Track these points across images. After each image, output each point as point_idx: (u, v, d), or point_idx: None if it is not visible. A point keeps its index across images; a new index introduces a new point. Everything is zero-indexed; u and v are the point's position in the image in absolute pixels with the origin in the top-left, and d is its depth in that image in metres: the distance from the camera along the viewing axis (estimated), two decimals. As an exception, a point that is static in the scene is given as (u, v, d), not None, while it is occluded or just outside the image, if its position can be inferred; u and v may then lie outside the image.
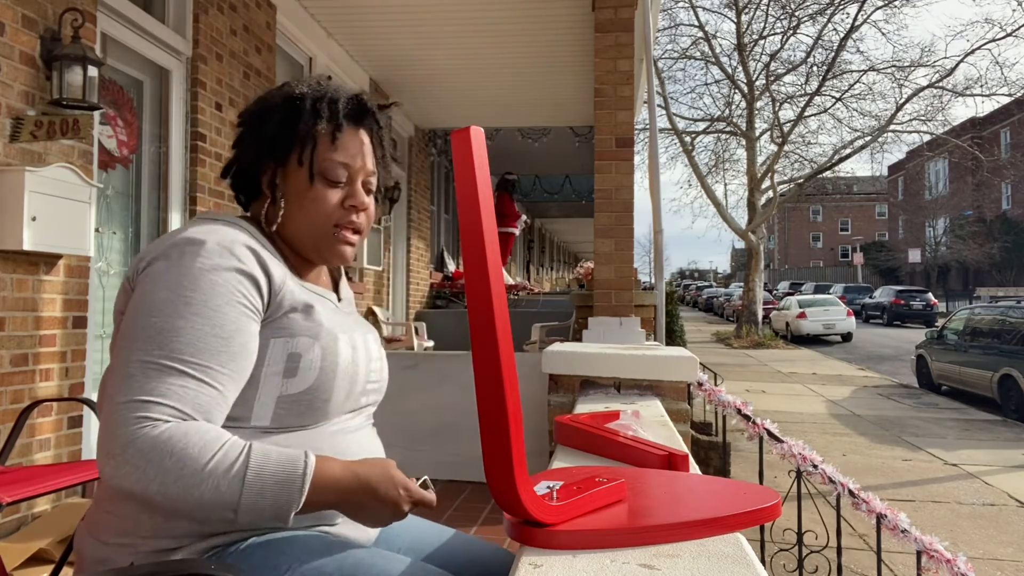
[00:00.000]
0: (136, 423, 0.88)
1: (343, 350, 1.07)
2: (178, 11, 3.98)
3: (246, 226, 1.10)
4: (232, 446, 0.91)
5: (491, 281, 0.83)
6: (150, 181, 3.84)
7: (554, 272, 25.46)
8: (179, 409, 0.91)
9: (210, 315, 0.96)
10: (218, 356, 0.95)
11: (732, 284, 50.38)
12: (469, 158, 0.84)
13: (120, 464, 0.87)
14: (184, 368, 0.92)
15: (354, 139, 1.14)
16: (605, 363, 2.57)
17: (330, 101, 1.12)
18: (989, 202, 35.14)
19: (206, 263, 0.98)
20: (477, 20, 5.49)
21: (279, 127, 1.12)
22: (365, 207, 1.15)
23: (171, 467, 0.87)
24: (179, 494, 0.87)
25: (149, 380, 0.90)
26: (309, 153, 1.10)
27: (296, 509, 0.91)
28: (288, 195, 1.12)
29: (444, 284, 9.35)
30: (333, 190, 1.12)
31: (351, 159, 1.13)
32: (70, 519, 2.74)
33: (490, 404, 0.84)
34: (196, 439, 0.89)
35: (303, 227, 1.12)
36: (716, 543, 0.91)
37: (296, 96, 1.12)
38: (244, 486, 0.89)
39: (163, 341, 0.93)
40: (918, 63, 20.65)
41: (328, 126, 1.11)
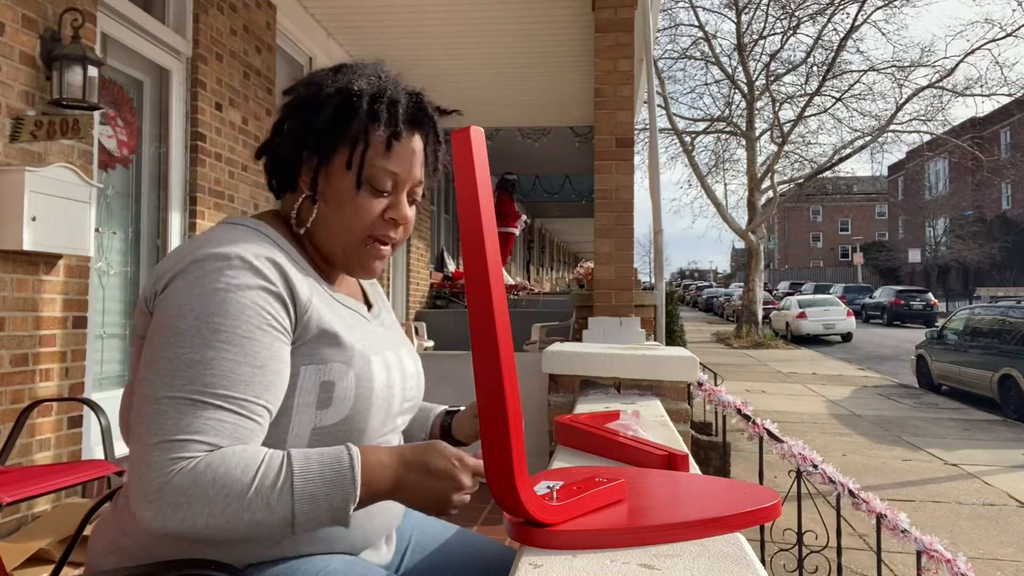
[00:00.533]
0: (171, 464, 0.82)
1: (377, 373, 1.01)
2: (178, 11, 3.98)
3: (271, 232, 1.02)
4: (272, 458, 0.86)
5: (491, 281, 0.83)
6: (150, 181, 3.84)
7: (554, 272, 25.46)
8: (215, 444, 0.85)
9: (242, 343, 0.88)
10: (253, 387, 0.88)
11: (732, 284, 50.38)
12: (469, 158, 0.84)
13: (161, 507, 0.81)
14: (219, 403, 0.86)
15: (408, 146, 1.04)
16: (605, 363, 2.57)
17: (390, 103, 1.02)
18: (989, 202, 35.14)
19: (231, 283, 0.90)
20: (477, 20, 5.49)
21: (331, 122, 1.02)
22: (407, 220, 1.06)
23: (215, 496, 0.82)
24: (230, 522, 0.83)
25: (183, 417, 0.84)
26: (360, 157, 1.01)
27: (354, 504, 0.87)
28: (328, 197, 1.03)
29: (444, 284, 9.35)
30: (377, 199, 1.02)
31: (401, 168, 1.03)
32: (70, 519, 2.74)
33: (490, 404, 0.84)
34: (235, 461, 0.84)
35: (338, 234, 1.03)
36: (716, 543, 0.91)
37: (354, 92, 1.01)
38: (295, 496, 0.84)
39: (193, 375, 0.86)
40: (918, 63, 20.70)
41: (385, 132, 1.01)
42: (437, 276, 9.56)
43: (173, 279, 0.91)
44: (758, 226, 19.82)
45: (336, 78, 1.05)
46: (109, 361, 3.58)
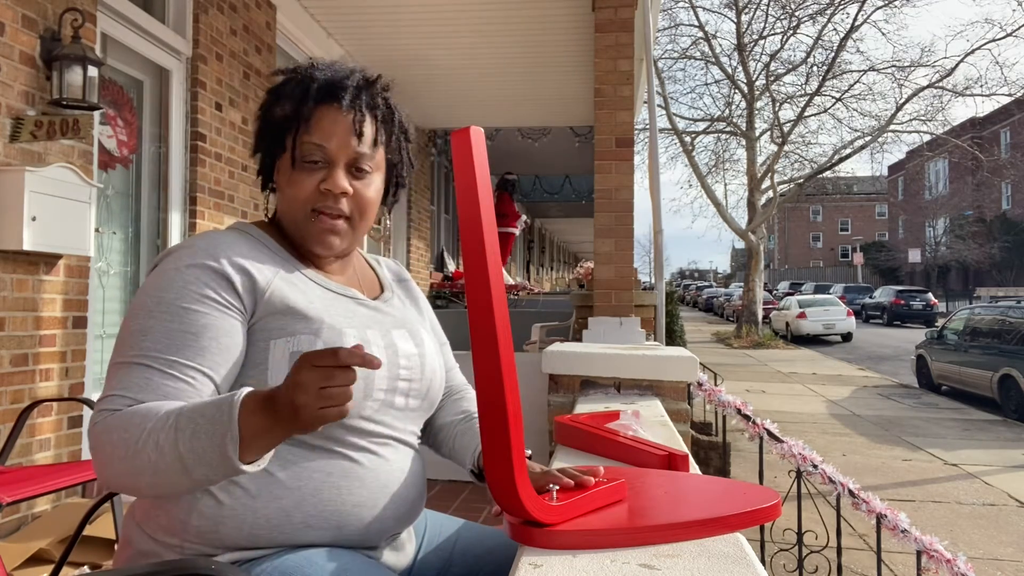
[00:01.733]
0: (97, 415, 0.92)
1: (350, 344, 1.01)
2: (178, 11, 3.98)
3: (254, 232, 1.11)
4: (171, 407, 0.89)
5: (491, 281, 0.83)
6: (150, 181, 3.84)
7: (554, 272, 25.46)
8: (136, 399, 0.92)
9: (179, 312, 0.97)
10: (184, 351, 0.95)
11: (732, 284, 50.39)
12: (469, 158, 0.84)
13: (93, 455, 0.91)
14: (148, 363, 0.94)
15: (331, 119, 1.08)
16: (605, 363, 2.57)
17: (304, 83, 1.10)
18: (989, 202, 35.14)
19: (180, 264, 1.00)
20: (477, 20, 5.49)
21: (263, 119, 1.13)
22: (341, 190, 1.07)
23: (118, 440, 0.88)
24: (134, 466, 0.87)
25: (118, 379, 0.94)
26: (291, 138, 1.08)
27: (233, 440, 0.83)
28: (279, 184, 1.12)
29: (444, 284, 9.35)
30: (311, 174, 1.08)
31: (326, 139, 1.07)
32: (70, 519, 2.74)
33: (490, 404, 0.84)
34: (144, 411, 0.90)
35: (286, 214, 1.11)
36: (716, 543, 0.91)
37: (276, 86, 1.13)
38: (177, 432, 0.86)
39: (134, 342, 0.96)
40: (918, 63, 20.71)
41: (302, 107, 1.08)
42: (437, 276, 9.56)
43: (149, 271, 1.04)
44: (758, 226, 19.82)
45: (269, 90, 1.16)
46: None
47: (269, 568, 0.97)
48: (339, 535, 1.02)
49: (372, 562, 1.04)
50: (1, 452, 2.60)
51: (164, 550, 0.99)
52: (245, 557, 0.99)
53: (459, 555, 1.23)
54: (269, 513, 0.98)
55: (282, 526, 0.99)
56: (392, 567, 1.11)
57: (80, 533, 1.42)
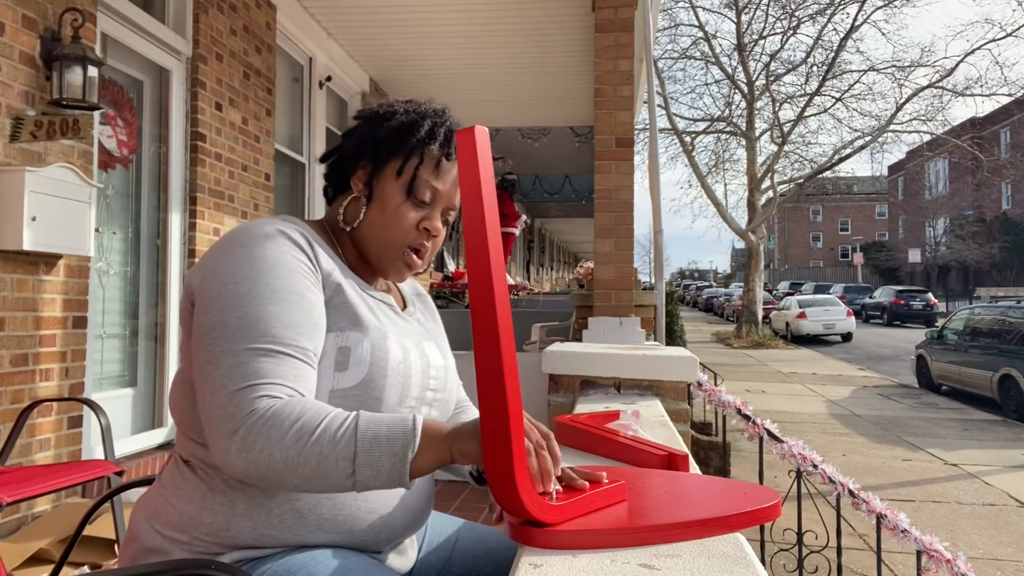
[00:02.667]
0: (257, 400, 0.91)
1: (393, 349, 1.07)
2: (178, 11, 3.98)
3: (303, 226, 1.12)
4: (342, 411, 0.93)
5: (494, 281, 0.83)
6: (150, 181, 3.84)
7: (554, 272, 25.46)
8: (294, 388, 0.94)
9: (297, 299, 0.99)
10: (311, 339, 0.99)
11: (732, 284, 50.38)
12: (473, 157, 0.84)
13: (244, 437, 0.89)
14: (288, 351, 0.95)
15: (453, 171, 1.15)
16: (605, 363, 2.57)
17: (448, 131, 1.16)
18: (989, 202, 35.14)
19: (275, 251, 1.01)
20: (477, 20, 5.49)
21: (393, 133, 1.14)
22: (437, 233, 1.16)
23: (289, 428, 0.89)
24: (300, 454, 0.88)
25: (262, 365, 0.93)
26: (413, 168, 1.12)
27: (413, 452, 0.90)
28: (374, 199, 1.14)
29: (444, 284, 9.34)
30: (417, 210, 1.13)
31: (444, 187, 1.14)
32: (70, 519, 2.74)
33: (491, 404, 0.84)
34: (311, 406, 0.92)
35: (378, 234, 1.14)
36: (716, 543, 0.91)
37: (420, 113, 1.16)
38: (358, 434, 0.90)
39: (264, 329, 0.95)
40: (918, 63, 20.69)
41: (439, 151, 1.13)
42: (437, 276, 9.56)
43: (220, 255, 1.02)
44: (758, 226, 19.82)
45: (407, 103, 1.19)
46: (109, 361, 3.58)
47: (274, 567, 0.97)
48: (349, 539, 1.03)
49: (375, 563, 1.05)
50: (1, 452, 2.60)
51: (172, 546, 0.99)
52: (249, 556, 0.99)
53: (459, 555, 1.24)
54: (283, 514, 0.99)
55: (295, 527, 1.00)
56: (395, 569, 1.12)
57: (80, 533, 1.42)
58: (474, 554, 1.25)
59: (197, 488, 1.01)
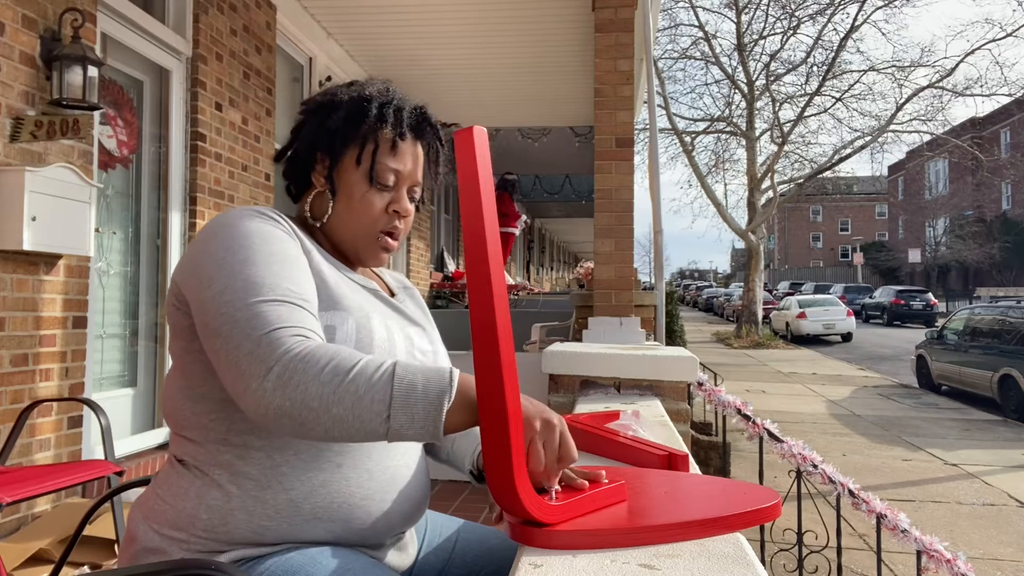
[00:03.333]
0: (291, 339, 0.90)
1: (377, 327, 1.08)
2: (178, 11, 3.98)
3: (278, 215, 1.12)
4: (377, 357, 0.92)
5: (493, 281, 0.83)
6: (150, 181, 3.84)
7: (554, 272, 25.47)
8: (317, 333, 0.95)
9: (293, 262, 1.01)
10: (313, 299, 1.00)
11: (732, 284, 50.38)
12: (472, 158, 0.84)
13: (281, 373, 0.87)
14: (303, 305, 0.96)
15: (411, 150, 1.16)
16: (605, 363, 2.57)
17: (396, 109, 1.15)
18: (989, 202, 35.15)
19: (264, 224, 1.03)
20: (477, 20, 5.49)
21: (344, 123, 1.14)
22: (408, 213, 1.17)
23: (327, 366, 0.88)
24: (335, 392, 0.87)
25: (282, 312, 0.93)
26: (370, 155, 1.13)
27: (448, 402, 0.87)
28: (339, 192, 1.14)
29: (444, 284, 9.35)
30: (381, 194, 1.14)
31: (404, 167, 1.15)
32: (70, 519, 2.74)
33: (491, 404, 0.84)
34: (345, 349, 0.91)
35: (349, 226, 1.14)
36: (716, 543, 0.91)
37: (365, 97, 1.15)
38: (395, 378, 0.88)
39: (273, 284, 0.95)
40: (918, 63, 20.71)
41: (391, 132, 1.14)
42: (437, 276, 9.56)
43: (206, 241, 1.01)
44: (758, 226, 19.82)
45: (350, 88, 1.18)
46: (109, 361, 3.58)
47: (273, 566, 0.97)
48: (347, 529, 1.03)
49: (375, 562, 1.05)
50: (1, 452, 2.60)
51: (170, 545, 0.99)
52: (249, 555, 0.99)
53: (459, 555, 1.24)
54: (279, 503, 0.99)
55: (291, 517, 0.99)
56: (395, 567, 1.12)
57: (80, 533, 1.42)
58: (474, 554, 1.25)
59: (192, 485, 1.00)
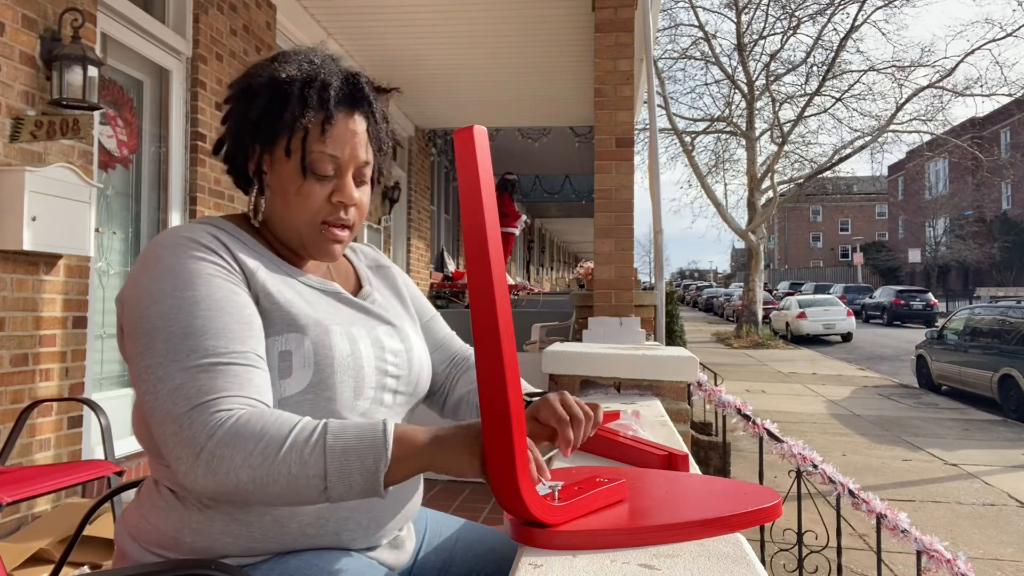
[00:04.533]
0: (212, 418, 0.86)
1: (338, 343, 1.00)
2: (178, 11, 3.98)
3: (225, 225, 1.05)
4: (308, 421, 0.88)
5: (494, 281, 0.83)
6: (150, 181, 3.84)
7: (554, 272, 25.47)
8: (245, 396, 0.89)
9: (221, 306, 0.93)
10: (246, 341, 0.93)
11: (732, 284, 50.37)
12: (472, 157, 0.84)
13: (208, 461, 0.84)
14: (228, 360, 0.90)
15: (346, 128, 1.04)
16: (605, 363, 2.57)
17: (321, 86, 1.02)
18: (989, 202, 35.15)
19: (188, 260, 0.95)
20: (477, 20, 5.49)
21: (264, 112, 1.03)
22: (354, 202, 1.06)
23: (254, 449, 0.84)
24: (268, 474, 0.84)
25: (203, 382, 0.88)
26: (299, 144, 1.01)
27: (385, 466, 0.85)
28: (273, 186, 1.05)
29: (444, 284, 9.35)
30: (321, 184, 1.03)
31: (341, 151, 1.03)
32: (70, 519, 2.74)
33: (492, 404, 0.83)
34: (272, 419, 0.87)
35: (288, 221, 1.05)
36: (716, 543, 0.91)
37: (283, 80, 1.02)
38: (327, 449, 0.85)
39: (194, 345, 0.89)
40: (918, 63, 20.72)
41: (318, 115, 1.01)
42: (437, 276, 9.56)
43: (138, 276, 0.96)
44: (758, 226, 19.82)
45: (267, 69, 1.05)
46: (109, 361, 3.58)
47: (267, 571, 0.96)
48: (338, 540, 1.01)
49: (372, 563, 1.04)
50: (1, 452, 2.60)
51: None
52: (243, 563, 0.98)
53: (459, 555, 1.23)
54: (264, 525, 0.97)
55: (280, 536, 0.97)
56: (392, 567, 1.10)
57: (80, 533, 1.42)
58: (474, 554, 1.24)
59: (173, 507, 0.97)
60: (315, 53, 1.07)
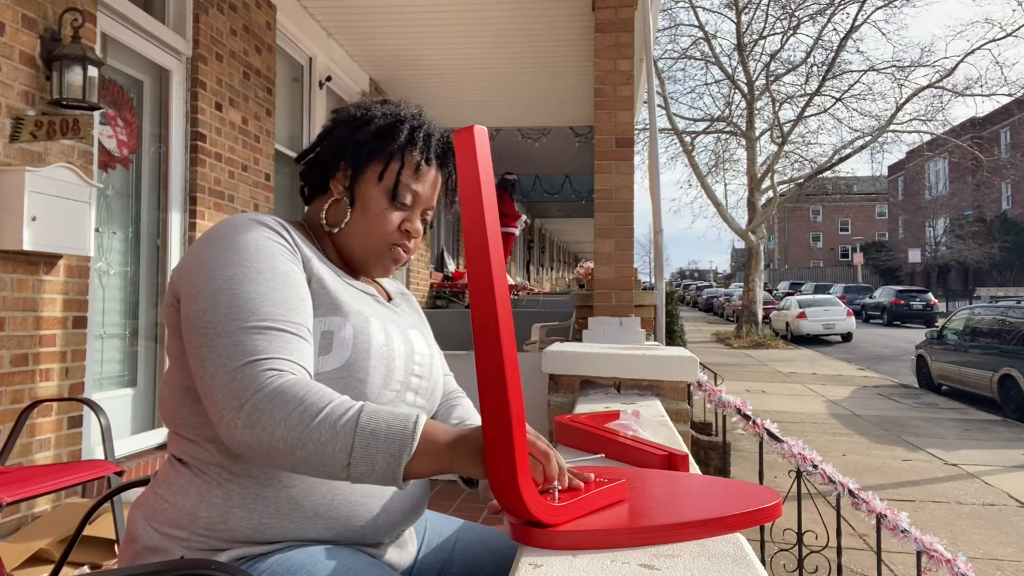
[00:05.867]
0: (263, 375, 0.92)
1: (375, 332, 1.09)
2: (178, 11, 3.98)
3: (283, 221, 1.14)
4: (346, 399, 0.94)
5: (494, 281, 0.83)
6: (150, 181, 3.84)
7: (554, 272, 25.47)
8: (294, 362, 0.96)
9: (283, 279, 1.01)
10: (300, 314, 1.00)
11: (732, 284, 50.37)
12: (472, 157, 0.84)
13: (250, 413, 0.90)
14: (282, 327, 0.97)
15: (432, 174, 1.20)
16: (605, 363, 2.57)
17: (426, 134, 1.19)
18: (989, 202, 35.16)
19: (256, 236, 1.04)
20: (477, 20, 5.49)
21: (373, 138, 1.17)
22: (418, 234, 1.20)
23: (294, 411, 0.90)
24: (300, 437, 0.89)
25: (259, 342, 0.94)
26: (395, 173, 1.16)
27: (408, 456, 0.89)
28: (357, 203, 1.17)
29: (444, 284, 9.35)
30: (398, 212, 1.17)
31: (424, 190, 1.18)
32: (70, 519, 2.74)
33: (492, 404, 0.84)
34: (315, 389, 0.92)
35: (362, 238, 1.17)
36: (716, 543, 0.91)
37: (399, 117, 1.18)
38: (358, 427, 0.90)
39: (255, 308, 0.97)
40: (918, 63, 20.76)
41: (418, 155, 1.17)
42: (437, 276, 9.56)
43: (202, 249, 1.03)
44: (758, 226, 19.82)
45: (385, 105, 1.22)
46: (109, 361, 3.58)
47: (273, 565, 0.98)
48: (348, 527, 1.04)
49: (375, 561, 1.05)
50: (1, 452, 2.60)
51: (170, 543, 1.00)
52: (250, 553, 0.99)
53: (459, 555, 1.24)
54: (279, 501, 1.00)
55: (292, 514, 1.01)
56: (395, 566, 1.12)
57: (80, 533, 1.42)
58: (474, 554, 1.25)
59: (192, 483, 1.01)
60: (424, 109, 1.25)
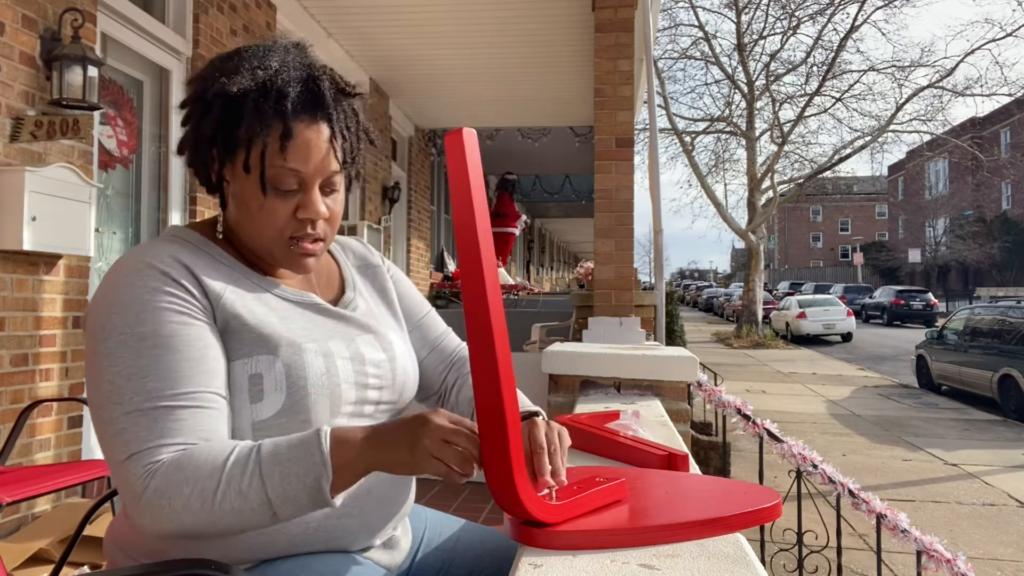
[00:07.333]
0: (143, 470, 0.85)
1: (311, 362, 0.97)
2: (178, 11, 3.98)
3: (191, 237, 1.01)
4: (241, 449, 0.87)
5: (486, 282, 0.83)
6: (150, 181, 3.84)
7: (554, 272, 25.48)
8: (181, 443, 0.87)
9: (168, 343, 0.89)
10: (196, 379, 0.90)
11: (732, 284, 50.38)
12: (462, 160, 0.84)
13: (150, 514, 0.84)
14: (170, 403, 0.87)
15: (307, 139, 0.96)
16: (605, 363, 2.57)
17: (277, 96, 0.94)
18: (989, 202, 35.15)
19: (140, 291, 0.90)
20: (477, 20, 5.49)
21: (218, 126, 0.96)
22: (322, 216, 0.99)
23: (191, 495, 0.84)
24: (212, 515, 0.84)
25: (141, 429, 0.86)
26: (257, 161, 0.95)
27: (328, 481, 0.84)
28: (236, 199, 0.99)
29: (444, 284, 9.35)
30: (284, 199, 0.97)
31: (303, 164, 0.96)
32: (70, 519, 2.74)
33: (489, 404, 0.84)
34: (204, 457, 0.85)
35: (255, 237, 1.00)
36: (716, 543, 0.91)
37: (234, 93, 0.94)
38: (264, 479, 0.84)
39: (137, 387, 0.87)
40: (918, 63, 20.73)
41: (275, 129, 0.94)
42: (437, 276, 9.56)
43: (92, 307, 0.93)
44: (758, 226, 19.82)
45: (222, 72, 0.97)
46: (109, 361, 3.58)
47: (260, 575, 0.96)
48: (330, 547, 1.01)
49: (367, 564, 1.04)
50: (1, 452, 2.60)
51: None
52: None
53: (459, 555, 1.23)
54: (249, 540, 0.95)
55: (265, 549, 0.97)
56: (386, 567, 1.10)
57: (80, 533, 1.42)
58: (474, 554, 1.24)
59: None
60: (274, 51, 0.99)
